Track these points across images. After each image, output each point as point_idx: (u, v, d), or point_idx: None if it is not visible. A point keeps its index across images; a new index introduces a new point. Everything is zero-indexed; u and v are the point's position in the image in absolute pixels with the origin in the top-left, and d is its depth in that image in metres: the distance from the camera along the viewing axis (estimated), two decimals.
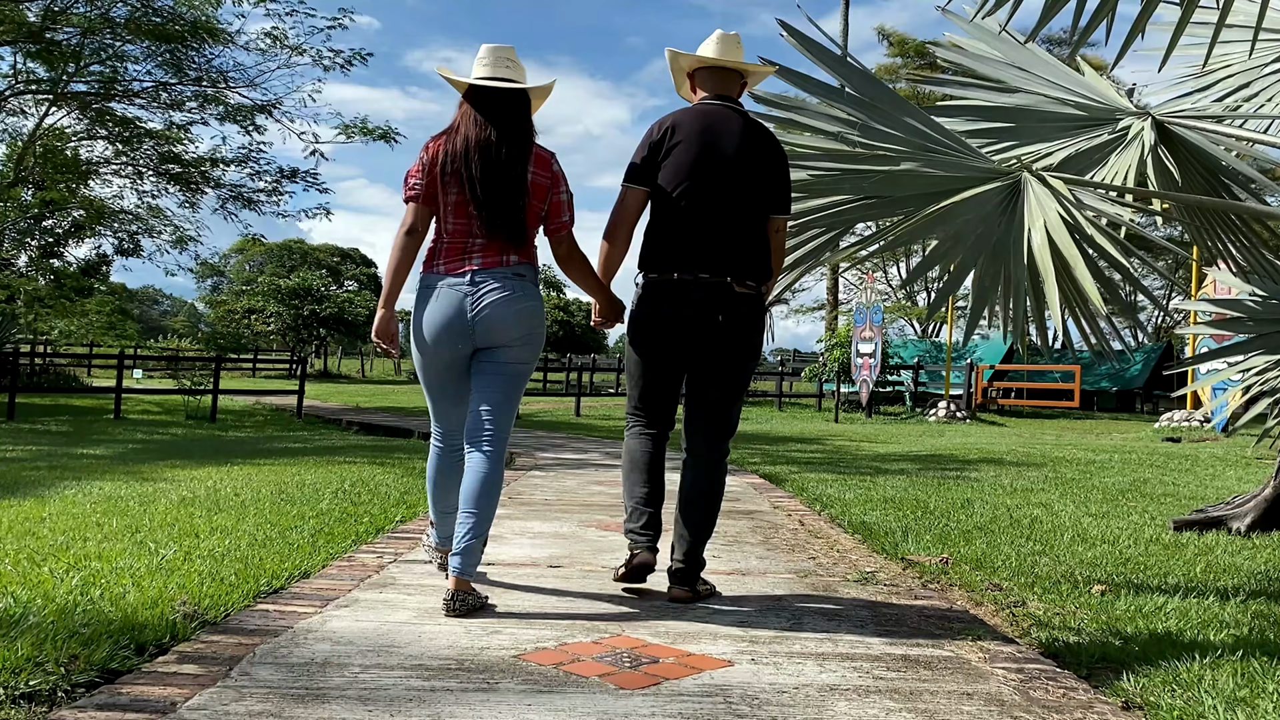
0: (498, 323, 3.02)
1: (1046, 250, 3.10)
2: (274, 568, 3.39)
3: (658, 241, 3.21)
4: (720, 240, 3.14)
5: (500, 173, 3.01)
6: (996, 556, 4.19)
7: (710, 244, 3.13)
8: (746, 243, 3.17)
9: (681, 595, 3.12)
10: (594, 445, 11.10)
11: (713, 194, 3.15)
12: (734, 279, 3.13)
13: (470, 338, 3.04)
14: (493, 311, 3.01)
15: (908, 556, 4.13)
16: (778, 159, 3.21)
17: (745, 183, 3.17)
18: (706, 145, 3.17)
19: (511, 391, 3.12)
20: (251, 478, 6.61)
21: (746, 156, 3.17)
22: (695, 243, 3.13)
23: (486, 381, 3.09)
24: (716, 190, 3.15)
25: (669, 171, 3.17)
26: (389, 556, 3.67)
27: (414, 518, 4.86)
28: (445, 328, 3.03)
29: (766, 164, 3.19)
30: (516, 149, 3.06)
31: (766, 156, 3.20)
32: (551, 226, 3.18)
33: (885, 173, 3.26)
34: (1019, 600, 3.32)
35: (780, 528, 4.77)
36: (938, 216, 3.18)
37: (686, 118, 3.22)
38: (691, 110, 3.27)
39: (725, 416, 3.26)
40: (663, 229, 3.19)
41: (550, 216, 3.16)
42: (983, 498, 6.44)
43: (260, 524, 4.47)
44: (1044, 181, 3.23)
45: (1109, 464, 9.78)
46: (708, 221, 3.15)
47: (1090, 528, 5.21)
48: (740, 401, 3.32)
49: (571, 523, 4.77)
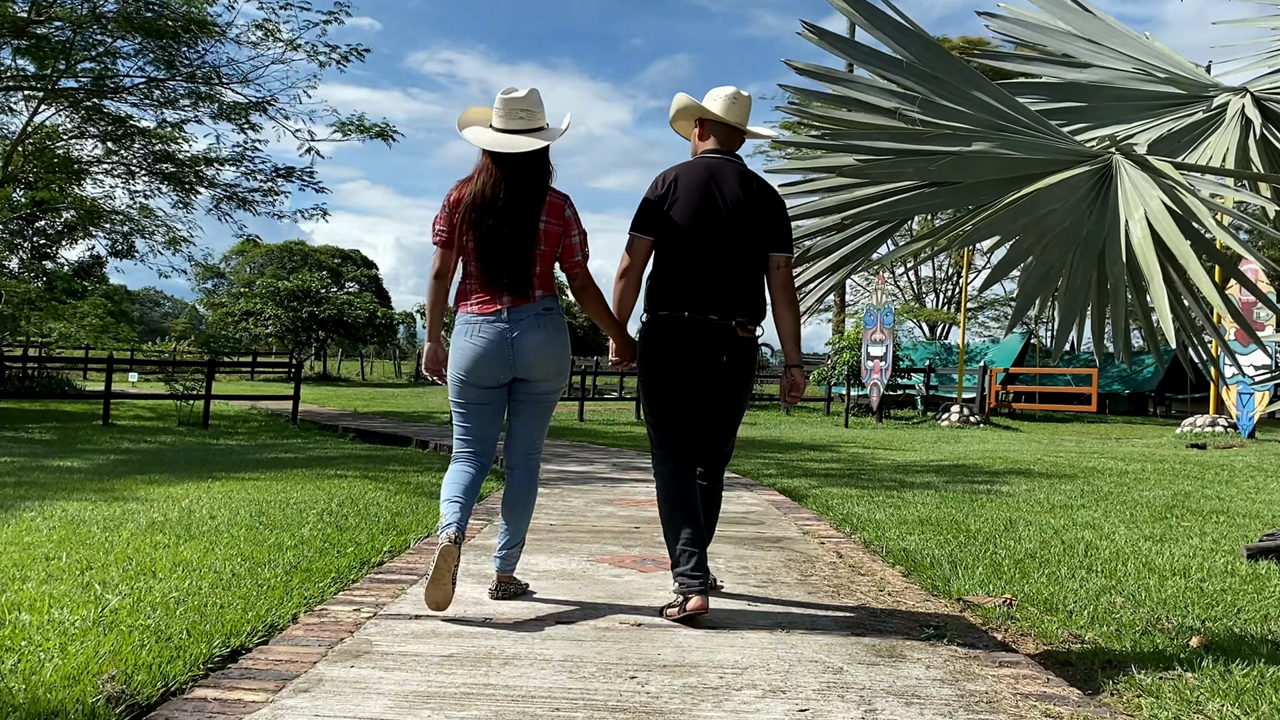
0: (534, 358, 3.26)
1: (1149, 246, 2.60)
2: (234, 620, 2.88)
3: (666, 284, 3.36)
4: (724, 287, 3.32)
5: (510, 227, 3.22)
6: (1064, 595, 3.68)
7: (716, 289, 3.32)
8: (747, 291, 3.36)
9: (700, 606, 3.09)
10: (599, 455, 10.59)
11: (715, 243, 3.32)
12: (738, 324, 3.33)
13: (510, 369, 3.27)
14: (529, 348, 3.25)
15: (965, 597, 3.62)
16: (775, 205, 3.37)
17: (745, 233, 3.34)
18: (708, 197, 3.33)
19: (545, 416, 3.44)
20: (232, 496, 6.11)
21: (745, 208, 3.34)
22: (702, 287, 3.32)
23: (523, 409, 3.38)
24: (719, 240, 3.32)
25: (675, 221, 3.34)
26: (368, 609, 3.14)
27: (404, 549, 4.35)
28: (485, 361, 3.25)
29: (764, 212, 3.35)
30: (528, 204, 3.25)
31: (764, 205, 3.36)
32: (565, 266, 3.38)
33: (953, 155, 2.75)
34: (1110, 658, 2.82)
35: (816, 560, 4.26)
36: (1017, 207, 2.67)
37: (689, 170, 3.40)
38: (693, 164, 3.43)
39: (724, 451, 3.51)
40: (671, 274, 3.36)
41: (564, 257, 3.36)
42: (1024, 517, 5.94)
43: (231, 556, 3.97)
44: (1143, 164, 2.72)
45: (1142, 475, 9.27)
46: (712, 269, 3.33)
47: (1152, 555, 4.71)
48: (735, 434, 3.54)
49: (580, 556, 4.26)
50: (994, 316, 37.01)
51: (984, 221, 2.63)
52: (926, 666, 2.59)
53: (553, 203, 3.29)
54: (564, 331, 3.34)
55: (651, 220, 3.37)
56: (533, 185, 3.26)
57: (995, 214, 2.63)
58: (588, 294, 3.44)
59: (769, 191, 3.40)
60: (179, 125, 18.54)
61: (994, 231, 2.60)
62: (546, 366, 3.30)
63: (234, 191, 18.70)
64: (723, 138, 3.46)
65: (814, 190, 3.04)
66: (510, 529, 3.38)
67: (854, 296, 32.50)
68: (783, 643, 2.81)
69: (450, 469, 3.36)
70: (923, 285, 35.40)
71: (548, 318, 3.28)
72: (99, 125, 18.41)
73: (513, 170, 3.24)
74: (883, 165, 2.74)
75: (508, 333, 3.23)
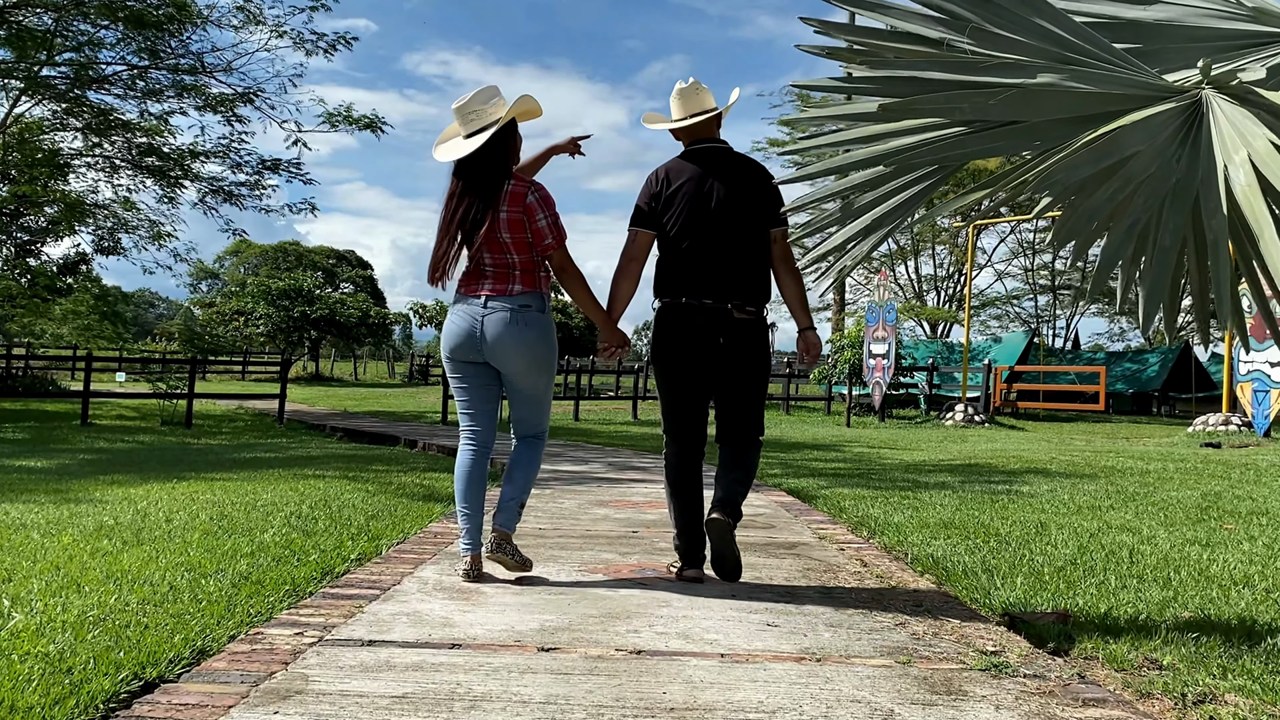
0: (501, 349, 3.42)
1: (1256, 193, 2.14)
2: (155, 645, 2.41)
3: (668, 273, 3.53)
4: (720, 271, 3.46)
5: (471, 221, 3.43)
6: (1122, 609, 3.23)
7: (712, 275, 3.46)
8: (745, 273, 3.49)
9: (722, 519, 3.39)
10: (594, 454, 10.12)
11: (711, 230, 3.47)
12: (734, 306, 3.46)
13: (479, 351, 3.44)
14: (496, 337, 3.41)
15: (1013, 612, 3.16)
16: (765, 183, 3.54)
17: (739, 216, 3.49)
18: (700, 188, 3.50)
19: (537, 405, 3.59)
20: (196, 497, 5.64)
21: (736, 192, 3.50)
22: (699, 273, 3.47)
23: (514, 399, 3.58)
24: (714, 227, 3.47)
25: (670, 214, 3.50)
26: (314, 632, 2.64)
27: (373, 557, 3.88)
28: (460, 339, 3.47)
29: (755, 193, 3.51)
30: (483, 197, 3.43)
31: (754, 186, 3.53)
32: (538, 249, 3.47)
33: (1016, 89, 2.30)
34: (1203, 691, 2.36)
35: (838, 570, 3.79)
36: (1098, 147, 2.22)
37: (678, 165, 3.58)
38: (683, 156, 3.61)
39: (749, 420, 3.57)
40: (671, 263, 3.52)
41: (535, 241, 3.45)
42: (1054, 520, 5.48)
43: (176, 566, 3.50)
44: (1246, 98, 2.27)
45: (1166, 474, 8.82)
46: (709, 255, 3.46)
47: (1204, 561, 4.25)
48: (761, 406, 3.62)
49: (571, 565, 3.77)
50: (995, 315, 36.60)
51: (1061, 163, 2.17)
52: (996, 707, 2.11)
53: (514, 191, 3.44)
54: (537, 327, 3.43)
55: (649, 215, 3.53)
56: (483, 182, 3.43)
57: (1075, 154, 2.17)
58: (566, 274, 3.53)
59: (758, 170, 3.57)
60: (163, 118, 18.06)
61: (1073, 175, 2.14)
62: (514, 362, 3.44)
63: (219, 185, 18.20)
64: (693, 131, 3.61)
65: (845, 141, 2.58)
66: (509, 484, 3.52)
67: (853, 295, 32.03)
68: (815, 676, 2.32)
69: (457, 456, 3.58)
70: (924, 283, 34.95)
71: (523, 314, 3.41)
72: (81, 117, 17.91)
73: (464, 172, 3.46)
74: (935, 99, 2.28)
75: (478, 316, 3.42)
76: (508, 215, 3.40)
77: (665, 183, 3.51)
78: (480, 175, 3.43)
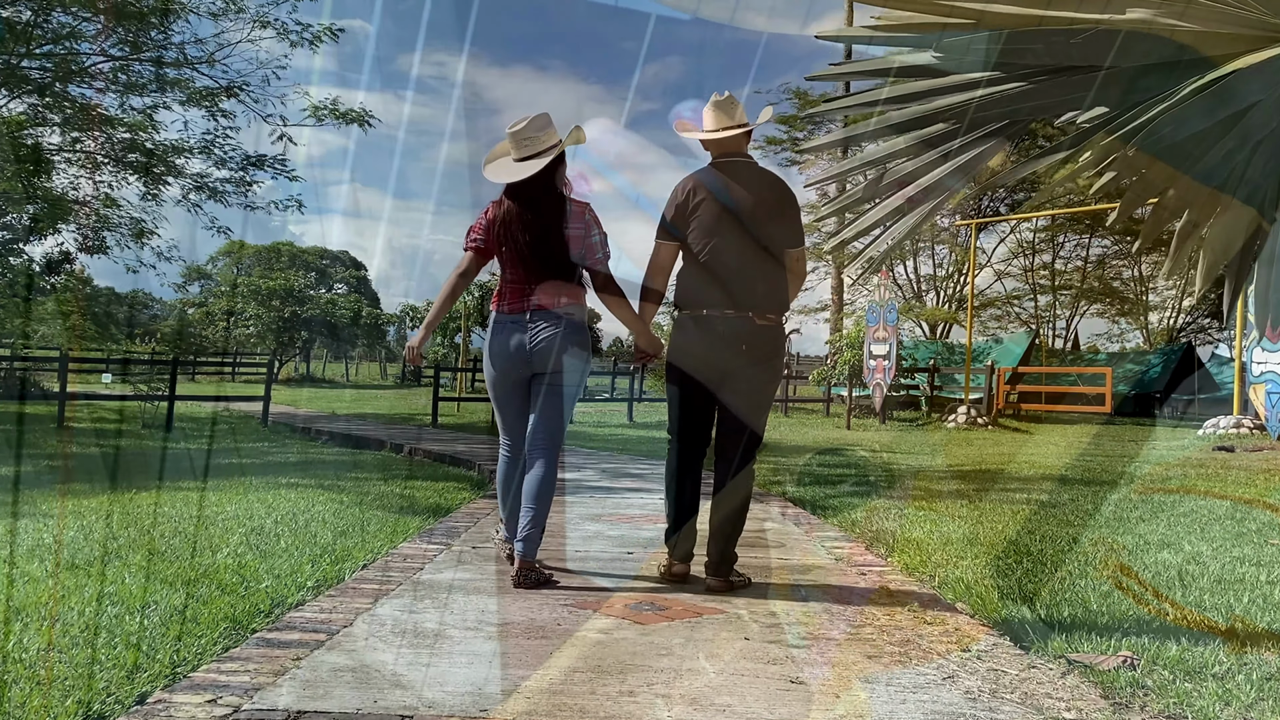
0: (549, 354, 3.60)
1: None
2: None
3: (690, 284, 3.62)
4: (742, 281, 3.54)
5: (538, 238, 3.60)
6: (1192, 649, 2.79)
7: (734, 284, 3.54)
8: (764, 282, 3.57)
9: (717, 585, 3.51)
10: (588, 460, 9.67)
11: (733, 242, 3.55)
12: (755, 314, 3.55)
13: (529, 364, 3.65)
14: (545, 345, 3.60)
15: (1069, 655, 2.72)
16: (786, 199, 3.66)
17: (760, 229, 3.56)
18: (724, 200, 3.57)
19: (563, 406, 3.70)
20: (153, 510, 5.17)
21: (759, 205, 3.58)
22: (721, 284, 3.53)
23: (542, 400, 3.67)
24: (735, 240, 3.55)
25: (695, 225, 3.59)
26: (231, 698, 2.10)
27: (333, 583, 3.43)
28: (509, 356, 3.65)
29: (777, 207, 3.62)
30: (549, 218, 3.63)
31: (776, 200, 3.62)
32: (588, 264, 3.70)
33: (1102, 27, 1.85)
34: None
35: (863, 602, 3.33)
36: (1206, 98, 1.77)
37: (706, 177, 3.64)
38: (708, 169, 3.67)
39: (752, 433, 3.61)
40: (694, 273, 3.61)
41: (587, 255, 3.68)
42: (1084, 535, 5.04)
43: (104, 597, 3.04)
44: None
45: (1187, 481, 8.38)
46: (731, 266, 3.54)
47: (1265, 584, 3.82)
48: (765, 418, 3.69)
49: (556, 601, 3.29)
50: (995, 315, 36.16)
51: (1168, 114, 1.72)
52: None
53: (574, 210, 3.68)
54: (580, 334, 3.67)
55: (676, 226, 3.62)
56: (549, 203, 3.63)
57: (1183, 104, 1.72)
58: (608, 290, 3.71)
59: (780, 186, 3.67)
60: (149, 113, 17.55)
61: (1181, 130, 1.70)
62: (558, 362, 3.61)
63: (204, 182, 17.69)
64: (727, 143, 3.65)
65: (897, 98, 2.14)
66: (528, 513, 3.56)
67: (851, 295, 31.58)
68: None
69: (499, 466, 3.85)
70: (923, 283, 34.53)
71: (567, 320, 3.61)
72: (61, 112, 17.40)
73: (521, 194, 3.64)
74: (1003, 40, 1.83)
75: (527, 330, 3.60)
76: (570, 232, 3.64)
77: (692, 193, 3.61)
78: (536, 197, 3.64)
